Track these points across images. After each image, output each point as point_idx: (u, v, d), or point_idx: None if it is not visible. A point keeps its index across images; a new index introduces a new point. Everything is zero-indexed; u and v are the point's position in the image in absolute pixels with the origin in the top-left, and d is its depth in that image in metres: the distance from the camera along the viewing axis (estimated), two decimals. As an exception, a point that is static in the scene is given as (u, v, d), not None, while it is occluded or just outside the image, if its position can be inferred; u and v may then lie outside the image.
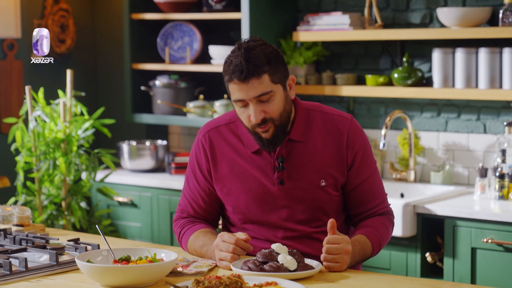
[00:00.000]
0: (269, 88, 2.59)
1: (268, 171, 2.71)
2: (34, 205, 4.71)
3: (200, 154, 2.80)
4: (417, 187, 4.39)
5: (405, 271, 3.94)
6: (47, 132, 4.69)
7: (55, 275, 2.52)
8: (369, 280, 2.44)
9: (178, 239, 2.84)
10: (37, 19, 5.20)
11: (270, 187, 2.71)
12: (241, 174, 2.73)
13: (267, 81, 2.59)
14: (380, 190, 2.79)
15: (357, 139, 2.73)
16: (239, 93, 2.59)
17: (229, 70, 2.59)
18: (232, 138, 2.77)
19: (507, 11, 4.04)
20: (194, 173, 2.82)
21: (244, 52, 2.58)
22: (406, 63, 4.37)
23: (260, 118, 2.60)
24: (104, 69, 5.56)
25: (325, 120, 2.74)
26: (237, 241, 2.55)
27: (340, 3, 4.69)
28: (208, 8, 4.85)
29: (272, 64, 2.60)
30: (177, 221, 2.86)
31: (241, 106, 2.63)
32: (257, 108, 2.60)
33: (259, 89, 2.58)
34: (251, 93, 2.58)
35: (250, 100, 2.59)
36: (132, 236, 4.90)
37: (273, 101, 2.62)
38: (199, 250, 2.72)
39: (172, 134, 5.43)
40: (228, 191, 2.76)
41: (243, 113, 2.64)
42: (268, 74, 2.58)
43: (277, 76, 2.61)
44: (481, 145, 4.34)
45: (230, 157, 2.75)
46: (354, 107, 4.70)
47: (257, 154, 2.73)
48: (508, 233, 3.68)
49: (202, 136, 2.81)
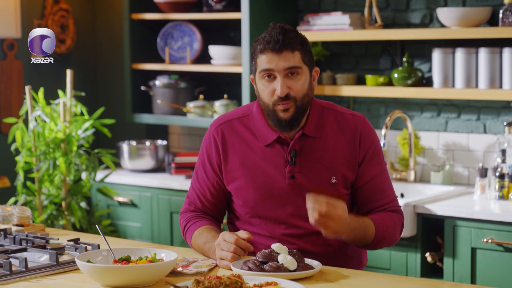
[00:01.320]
0: (299, 64, 2.66)
1: (280, 165, 2.73)
2: (34, 205, 4.71)
3: (211, 147, 2.81)
4: (417, 187, 4.39)
5: (405, 271, 3.94)
6: (47, 132, 4.69)
7: (55, 275, 2.52)
8: (369, 280, 2.44)
9: (183, 232, 2.85)
10: (37, 19, 5.20)
11: (281, 181, 2.72)
12: (252, 168, 2.74)
13: (298, 57, 2.66)
14: (389, 190, 2.80)
15: (369, 138, 2.76)
16: (270, 63, 2.64)
17: (263, 42, 2.66)
18: (244, 132, 2.78)
19: (507, 11, 4.04)
20: (204, 166, 2.83)
21: (280, 28, 2.66)
22: (406, 63, 4.37)
23: (285, 92, 2.64)
24: (104, 69, 5.56)
25: (338, 119, 2.77)
26: (238, 240, 2.56)
27: (340, 3, 4.69)
28: (208, 8, 4.85)
29: (304, 46, 2.68)
30: (184, 213, 2.87)
31: (267, 79, 2.66)
32: (284, 82, 2.64)
33: (291, 62, 2.64)
34: (281, 64, 2.63)
35: (280, 71, 2.64)
36: (132, 236, 4.90)
37: (300, 80, 2.67)
38: (202, 247, 2.72)
39: (172, 134, 5.43)
40: (238, 185, 2.76)
41: (267, 87, 2.67)
42: (300, 52, 2.66)
43: (306, 58, 2.68)
44: (481, 145, 4.34)
45: (241, 151, 2.77)
46: (354, 107, 4.70)
47: (270, 147, 2.74)
48: (508, 233, 3.68)
49: (214, 129, 2.82)
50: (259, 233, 2.76)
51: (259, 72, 2.68)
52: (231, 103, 4.88)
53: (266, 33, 2.67)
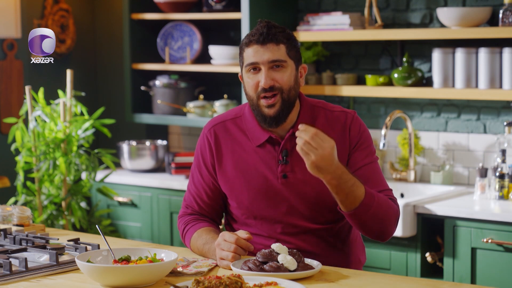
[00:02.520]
0: (284, 57, 2.66)
1: (272, 165, 2.73)
2: (34, 205, 4.71)
3: (205, 149, 2.82)
4: (417, 187, 4.39)
5: (405, 271, 3.94)
6: (47, 132, 4.69)
7: (55, 275, 2.52)
8: (369, 280, 2.44)
9: (182, 236, 2.85)
10: (37, 19, 5.20)
11: (274, 181, 2.72)
12: (245, 169, 2.75)
13: (283, 51, 2.66)
14: (380, 181, 2.72)
15: (357, 131, 2.74)
16: (254, 56, 2.66)
17: (249, 36, 2.68)
18: (237, 132, 2.79)
19: (507, 11, 4.04)
20: (199, 168, 2.84)
21: (266, 22, 2.68)
22: (406, 63, 4.37)
23: (269, 84, 2.64)
24: (104, 69, 5.56)
25: (328, 117, 2.76)
26: (238, 240, 2.56)
27: (340, 3, 4.69)
28: (208, 8, 4.85)
29: (290, 41, 2.69)
30: (182, 217, 2.87)
31: (252, 72, 2.67)
32: (268, 74, 2.65)
33: (275, 54, 2.65)
34: (266, 56, 2.64)
35: (264, 63, 2.65)
36: (132, 236, 4.90)
37: (285, 73, 2.67)
38: (201, 248, 2.72)
39: (172, 134, 5.43)
40: (231, 186, 2.77)
41: (252, 79, 2.68)
42: (285, 46, 2.67)
43: (292, 53, 2.69)
44: (481, 145, 4.34)
45: (234, 152, 2.77)
46: (354, 107, 4.70)
47: (262, 148, 2.74)
48: (508, 233, 3.68)
49: (207, 130, 2.83)
50: (256, 234, 2.76)
51: (245, 66, 2.69)
52: (231, 103, 4.88)
53: (254, 28, 2.70)
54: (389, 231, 2.67)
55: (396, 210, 2.68)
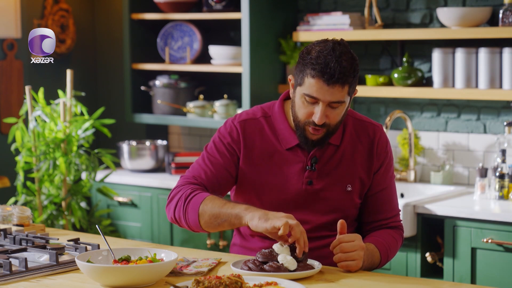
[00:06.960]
0: (344, 98, 2.60)
1: (298, 169, 2.71)
2: (34, 205, 4.71)
3: (232, 138, 2.74)
4: (417, 187, 4.39)
5: (405, 271, 3.94)
6: (47, 132, 4.69)
7: (55, 275, 2.52)
8: (369, 280, 2.44)
9: (184, 201, 2.66)
10: (37, 19, 5.20)
11: (297, 186, 2.71)
12: (269, 170, 2.72)
13: (345, 91, 2.59)
14: (395, 203, 2.82)
15: (385, 149, 2.78)
16: (318, 92, 2.57)
17: (317, 66, 2.56)
18: (268, 132, 2.74)
19: (507, 11, 4.04)
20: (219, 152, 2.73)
21: (339, 56, 2.56)
22: (406, 63, 4.37)
23: (322, 121, 2.60)
24: (104, 69, 5.57)
25: (356, 126, 2.77)
26: (304, 234, 2.50)
27: (340, 3, 4.70)
28: (208, 8, 4.85)
29: (355, 75, 2.61)
30: (187, 185, 2.70)
31: (309, 101, 2.60)
32: (325, 112, 2.60)
33: (337, 96, 2.58)
34: (329, 97, 2.57)
35: (324, 102, 2.59)
36: (132, 236, 4.90)
37: (340, 110, 2.63)
38: (218, 210, 2.58)
39: (172, 134, 5.43)
40: (252, 183, 2.73)
41: (306, 107, 2.61)
42: (349, 85, 2.59)
43: (352, 88, 2.62)
44: (481, 145, 4.34)
45: (262, 150, 2.73)
46: (354, 107, 4.70)
47: (291, 151, 2.72)
48: (508, 233, 3.68)
49: (237, 122, 2.75)
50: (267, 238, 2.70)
51: (303, 92, 2.60)
52: (231, 103, 4.88)
53: (323, 52, 2.57)
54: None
55: (401, 242, 2.81)
